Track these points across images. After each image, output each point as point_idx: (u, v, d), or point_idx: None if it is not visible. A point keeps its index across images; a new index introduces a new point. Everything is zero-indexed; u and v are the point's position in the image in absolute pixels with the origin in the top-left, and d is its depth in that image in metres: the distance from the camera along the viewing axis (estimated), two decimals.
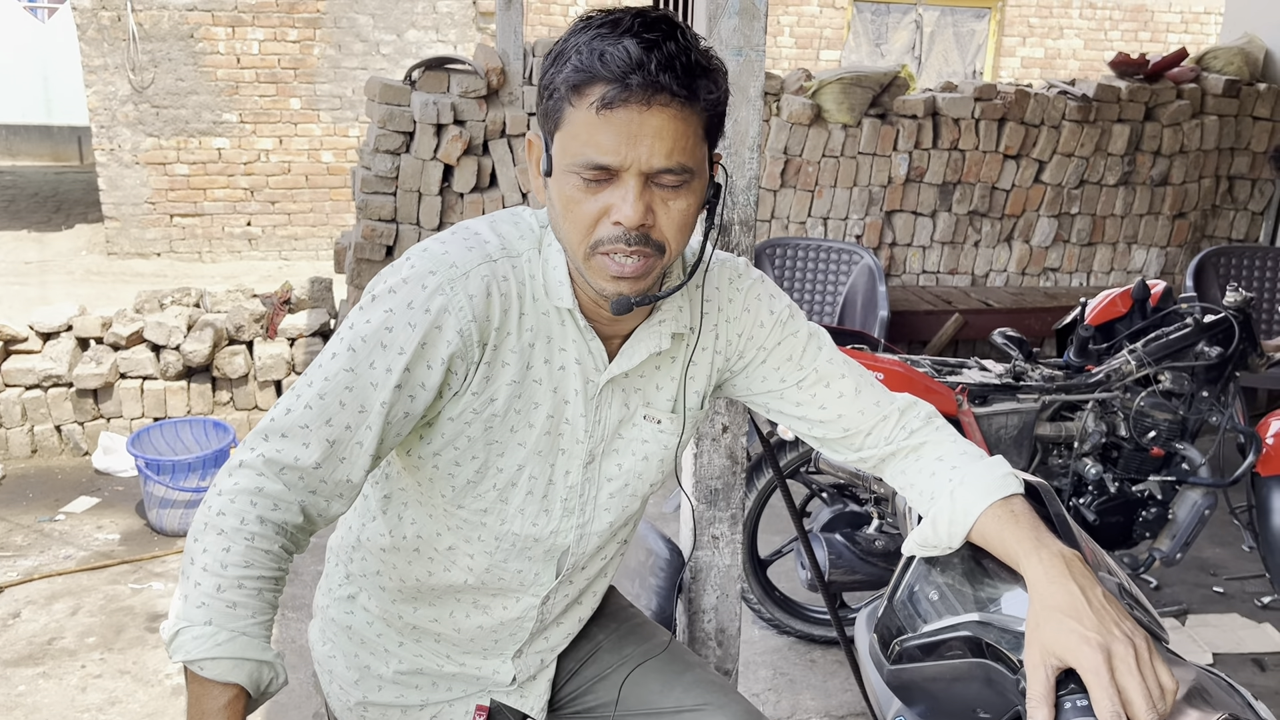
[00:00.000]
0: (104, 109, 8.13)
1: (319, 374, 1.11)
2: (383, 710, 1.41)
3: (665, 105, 1.03)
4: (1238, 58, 5.38)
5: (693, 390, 1.30)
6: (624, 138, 1.03)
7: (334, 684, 1.43)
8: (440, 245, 1.15)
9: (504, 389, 1.17)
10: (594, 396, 1.23)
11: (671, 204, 1.08)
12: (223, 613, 1.02)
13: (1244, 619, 3.32)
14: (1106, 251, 5.40)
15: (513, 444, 1.21)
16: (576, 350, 1.21)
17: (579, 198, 1.07)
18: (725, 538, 2.09)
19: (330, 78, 8.48)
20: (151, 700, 2.80)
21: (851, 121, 4.84)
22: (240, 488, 1.07)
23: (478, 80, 4.33)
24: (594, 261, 1.10)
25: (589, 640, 1.50)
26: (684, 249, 1.14)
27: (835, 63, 9.24)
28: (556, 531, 1.28)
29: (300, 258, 8.68)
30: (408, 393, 1.12)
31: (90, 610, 3.22)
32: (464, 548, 1.28)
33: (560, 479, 1.26)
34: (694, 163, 1.08)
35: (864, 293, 4.56)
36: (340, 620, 1.40)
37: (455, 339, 1.11)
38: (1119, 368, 2.92)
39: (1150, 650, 0.96)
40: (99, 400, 4.35)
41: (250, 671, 1.03)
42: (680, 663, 1.49)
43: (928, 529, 1.17)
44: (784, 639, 3.16)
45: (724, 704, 1.42)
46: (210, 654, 1.01)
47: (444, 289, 1.11)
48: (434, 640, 1.37)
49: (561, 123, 1.07)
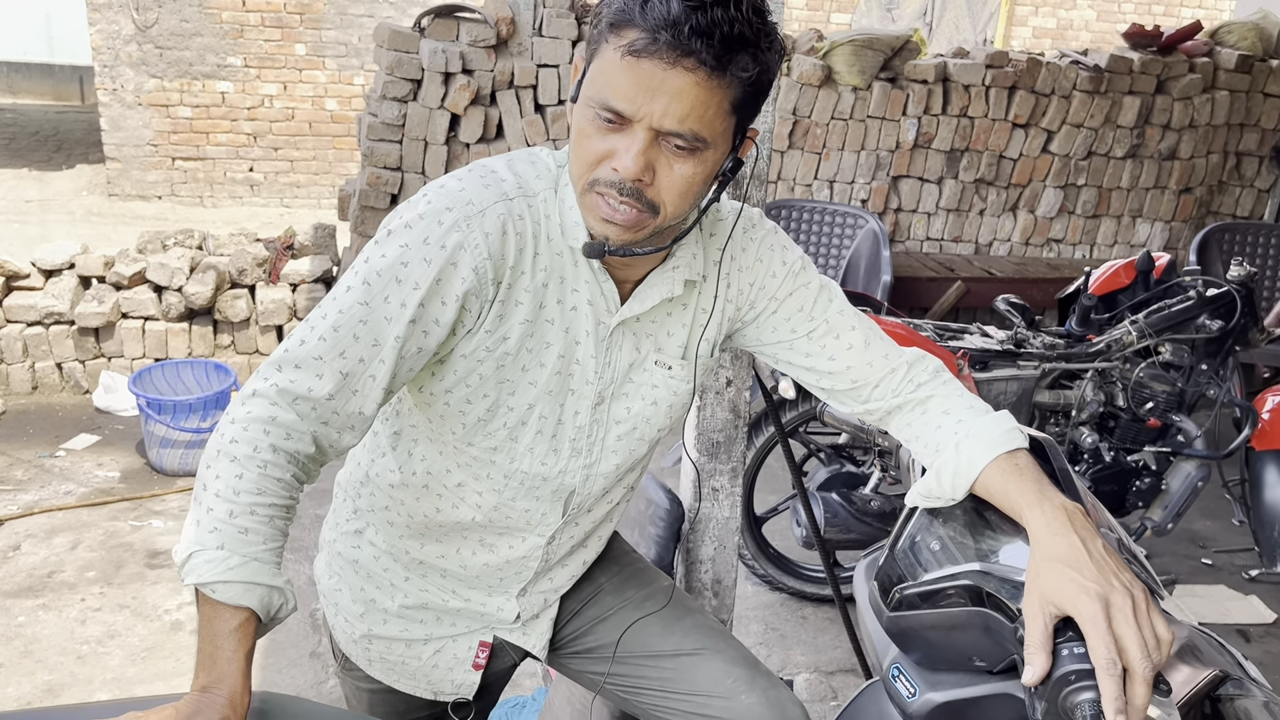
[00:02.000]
0: (107, 48, 8.05)
1: (333, 306, 1.11)
2: (387, 643, 1.43)
3: (691, 70, 1.01)
4: (1252, 33, 5.34)
5: (704, 339, 1.31)
6: (642, 89, 1.02)
7: (339, 617, 1.44)
8: (457, 182, 1.15)
9: (517, 328, 1.18)
10: (605, 338, 1.24)
11: (676, 167, 1.07)
12: (235, 538, 1.04)
13: (1231, 590, 3.37)
14: (1111, 224, 5.39)
15: (524, 383, 1.22)
16: (589, 291, 1.21)
17: (590, 133, 1.07)
18: (725, 490, 2.11)
19: (337, 24, 8.39)
20: (150, 634, 2.83)
21: (862, 84, 4.81)
22: (253, 416, 1.07)
23: (487, 29, 4.29)
24: (589, 198, 1.10)
25: (591, 583, 1.52)
26: (683, 214, 1.13)
27: (846, 26, 9.16)
28: (565, 471, 1.30)
29: (302, 206, 8.64)
30: (421, 328, 1.12)
31: (90, 545, 3.25)
32: (473, 485, 1.29)
33: (570, 419, 1.27)
34: (710, 133, 1.05)
35: (868, 257, 4.56)
36: (347, 554, 1.42)
37: (470, 276, 1.12)
38: (1120, 338, 2.93)
39: (1148, 601, 0.98)
40: (100, 339, 4.35)
41: (261, 596, 1.04)
42: (680, 608, 1.51)
43: (932, 481, 1.18)
44: (776, 595, 3.20)
45: (721, 648, 1.44)
46: (222, 577, 1.02)
47: (460, 226, 1.11)
48: (440, 576, 1.39)
49: (596, 55, 1.07)
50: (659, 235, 1.14)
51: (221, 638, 1.02)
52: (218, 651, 1.01)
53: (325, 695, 2.62)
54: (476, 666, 1.45)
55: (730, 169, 1.13)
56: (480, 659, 1.45)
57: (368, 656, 1.45)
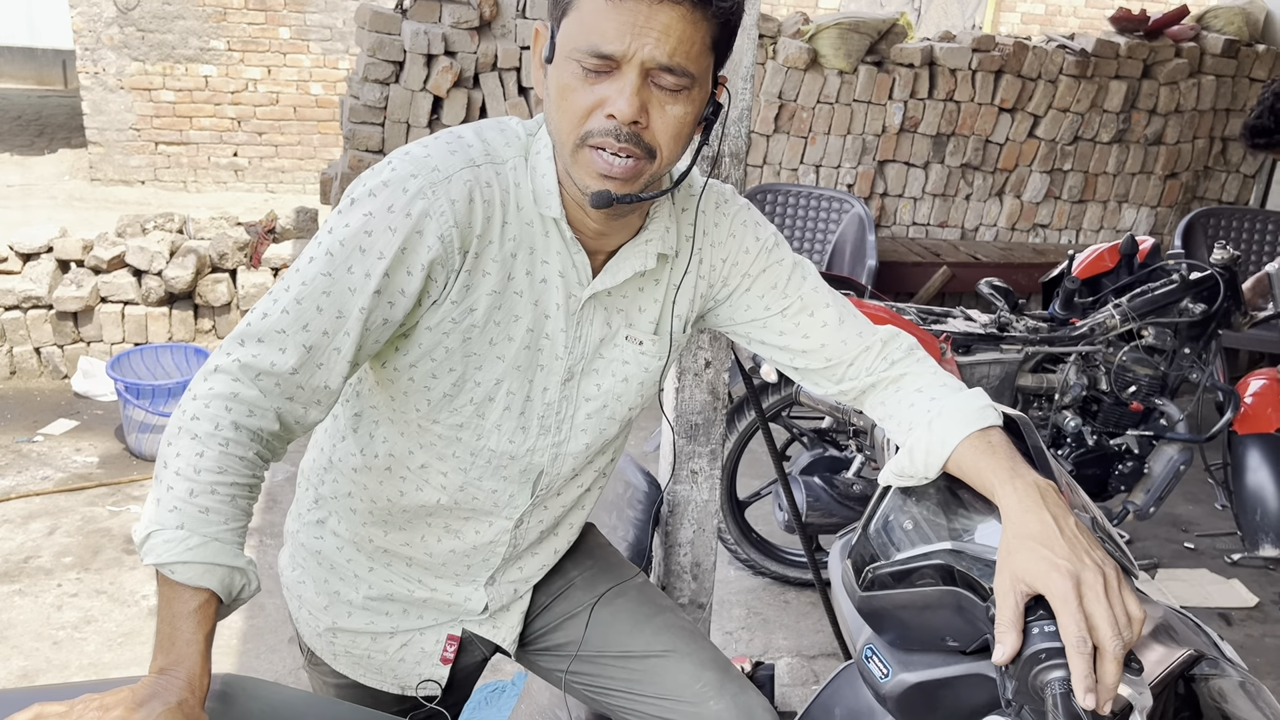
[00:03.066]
0: (88, 31, 7.97)
1: (296, 279, 1.08)
2: (352, 637, 1.39)
3: (676, 3, 1.01)
4: (1238, 18, 5.33)
5: (676, 314, 1.29)
6: (630, 28, 1.01)
7: (303, 610, 1.41)
8: (422, 148, 1.12)
9: (484, 299, 1.15)
10: (575, 312, 1.21)
11: (669, 108, 1.06)
12: (195, 517, 1.01)
13: (1213, 574, 3.37)
14: (1097, 209, 5.38)
15: (491, 357, 1.19)
16: (560, 263, 1.18)
17: (576, 86, 1.05)
18: (704, 473, 2.09)
19: (321, 7, 8.32)
20: (127, 620, 2.81)
21: (848, 68, 4.78)
22: (215, 393, 1.05)
23: (470, 11, 4.26)
24: (582, 154, 1.07)
25: (562, 576, 1.49)
26: (676, 159, 1.12)
27: (834, 10, 9.12)
28: (533, 450, 1.27)
29: (287, 191, 8.58)
30: (387, 299, 1.09)
31: (67, 531, 3.22)
32: (437, 465, 1.27)
33: (538, 395, 1.24)
34: (697, 69, 1.06)
35: (853, 242, 4.55)
36: (310, 545, 1.39)
37: (436, 244, 1.09)
38: (1103, 321, 2.92)
39: (1120, 579, 0.96)
40: (79, 324, 4.31)
41: (222, 577, 1.01)
42: (651, 605, 1.47)
43: (904, 459, 1.16)
44: (759, 580, 3.19)
45: (691, 651, 1.41)
46: (181, 558, 1.00)
47: (425, 193, 1.08)
48: (405, 564, 1.36)
49: (571, 8, 1.05)
50: (656, 183, 1.13)
51: (180, 619, 1.00)
52: (176, 633, 0.99)
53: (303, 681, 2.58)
54: (444, 660, 1.42)
55: (711, 113, 1.13)
56: (448, 653, 1.41)
57: (333, 650, 1.42)
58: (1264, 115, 2.93)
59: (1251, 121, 2.97)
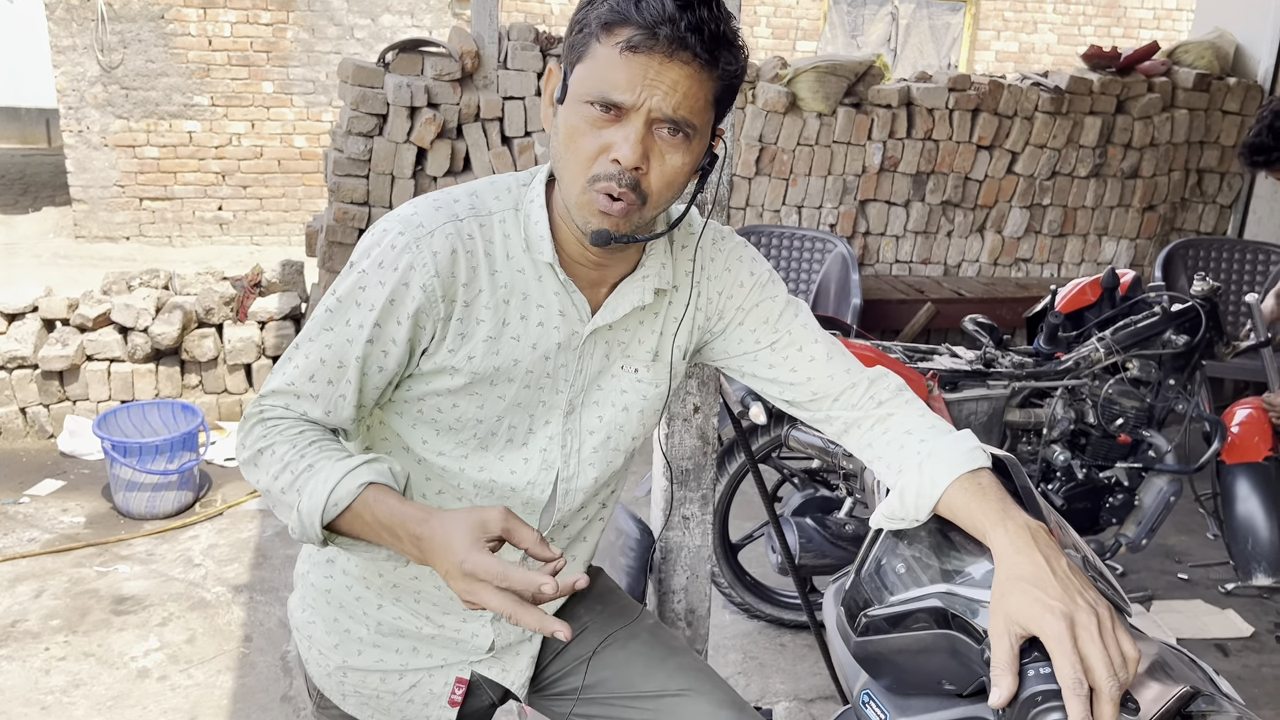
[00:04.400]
0: (72, 90, 8.02)
1: (304, 337, 1.20)
2: (362, 676, 1.41)
3: (686, 63, 1.07)
4: (1208, 52, 5.42)
5: (675, 345, 1.34)
6: (641, 80, 1.07)
7: (313, 650, 1.43)
8: (411, 208, 1.20)
9: (480, 345, 1.21)
10: (577, 348, 1.27)
11: (668, 157, 1.12)
12: (306, 477, 1.10)
13: (1208, 605, 3.37)
14: (1077, 243, 5.44)
15: (492, 396, 1.24)
16: (559, 303, 1.24)
17: (585, 130, 1.11)
18: (696, 518, 2.09)
19: (304, 61, 8.39)
20: (116, 683, 2.77)
21: (826, 110, 4.84)
22: (250, 426, 1.19)
23: (452, 63, 4.30)
24: (587, 195, 1.13)
25: (574, 620, 1.49)
26: (666, 205, 1.18)
27: (811, 53, 9.25)
28: (533, 483, 1.30)
29: (272, 243, 8.60)
30: (380, 348, 1.18)
31: (55, 593, 3.18)
32: (444, 497, 1.30)
33: (540, 428, 1.29)
34: (699, 122, 1.12)
35: (837, 281, 4.58)
36: (319, 585, 1.41)
37: (420, 294, 1.16)
38: (1088, 355, 2.94)
39: (1113, 620, 0.97)
40: (65, 382, 4.29)
41: (370, 471, 1.09)
42: (664, 647, 1.48)
43: (895, 502, 1.17)
44: (754, 623, 3.17)
45: (707, 690, 1.42)
46: (328, 490, 1.07)
47: (410, 247, 1.16)
48: (413, 599, 1.38)
49: (585, 56, 1.11)
50: (648, 224, 1.19)
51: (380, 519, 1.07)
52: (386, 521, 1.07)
53: None
54: (452, 703, 1.42)
55: (708, 163, 1.20)
56: (456, 695, 1.42)
57: (342, 690, 1.43)
58: (1263, 133, 2.94)
59: (1250, 139, 2.97)
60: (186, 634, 3.00)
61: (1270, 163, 2.98)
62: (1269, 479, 2.88)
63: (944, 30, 9.66)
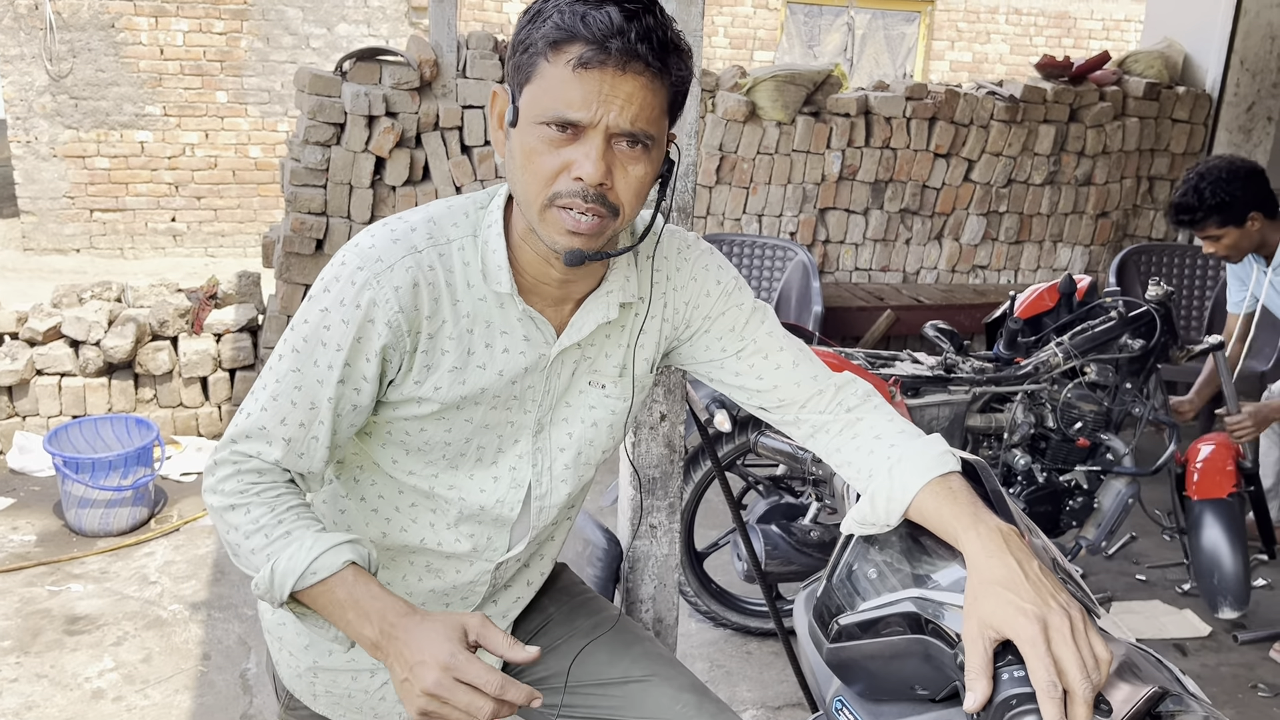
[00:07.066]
0: (20, 100, 7.86)
1: (270, 376, 1.18)
2: (333, 675, 1.40)
3: (639, 74, 1.07)
4: (1158, 61, 5.52)
5: (641, 358, 1.33)
6: (596, 96, 1.06)
7: (283, 651, 1.42)
8: (369, 238, 1.18)
9: (446, 376, 1.20)
10: (544, 369, 1.26)
11: (630, 169, 1.11)
12: (283, 543, 1.12)
13: (1166, 605, 3.41)
14: (1033, 249, 5.51)
15: (459, 420, 1.24)
16: (524, 328, 1.23)
17: (542, 150, 1.10)
18: (663, 527, 2.08)
19: (258, 71, 8.30)
20: (70, 704, 2.70)
21: (785, 119, 4.87)
22: (224, 476, 1.18)
23: (410, 72, 4.27)
24: (550, 214, 1.12)
25: (540, 613, 1.52)
26: (636, 216, 1.17)
27: (769, 63, 9.31)
28: (503, 501, 1.30)
29: (227, 255, 8.49)
30: (352, 386, 1.18)
31: (5, 614, 3.10)
32: (416, 510, 1.31)
33: (509, 447, 1.29)
34: (656, 132, 1.12)
35: (798, 289, 4.60)
36: None
37: (385, 331, 1.16)
38: (1046, 360, 2.98)
39: (1085, 622, 0.97)
40: (14, 398, 4.19)
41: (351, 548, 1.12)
42: (629, 635, 1.51)
43: (866, 507, 1.17)
44: (720, 631, 3.16)
45: (670, 675, 1.44)
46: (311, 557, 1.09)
47: (371, 284, 1.15)
48: None
49: (534, 77, 1.09)
50: (614, 240, 1.19)
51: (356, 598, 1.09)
52: (362, 604, 1.09)
53: None
54: None
55: (666, 170, 1.19)
56: None
57: (313, 691, 1.42)
58: (1188, 194, 3.05)
59: (1176, 199, 3.09)
60: (142, 653, 2.93)
61: (1195, 223, 3.08)
62: (1233, 514, 2.93)
63: (899, 40, 9.76)
